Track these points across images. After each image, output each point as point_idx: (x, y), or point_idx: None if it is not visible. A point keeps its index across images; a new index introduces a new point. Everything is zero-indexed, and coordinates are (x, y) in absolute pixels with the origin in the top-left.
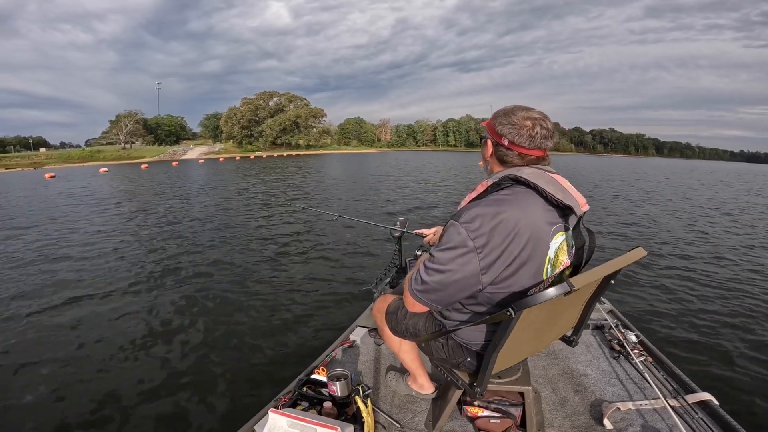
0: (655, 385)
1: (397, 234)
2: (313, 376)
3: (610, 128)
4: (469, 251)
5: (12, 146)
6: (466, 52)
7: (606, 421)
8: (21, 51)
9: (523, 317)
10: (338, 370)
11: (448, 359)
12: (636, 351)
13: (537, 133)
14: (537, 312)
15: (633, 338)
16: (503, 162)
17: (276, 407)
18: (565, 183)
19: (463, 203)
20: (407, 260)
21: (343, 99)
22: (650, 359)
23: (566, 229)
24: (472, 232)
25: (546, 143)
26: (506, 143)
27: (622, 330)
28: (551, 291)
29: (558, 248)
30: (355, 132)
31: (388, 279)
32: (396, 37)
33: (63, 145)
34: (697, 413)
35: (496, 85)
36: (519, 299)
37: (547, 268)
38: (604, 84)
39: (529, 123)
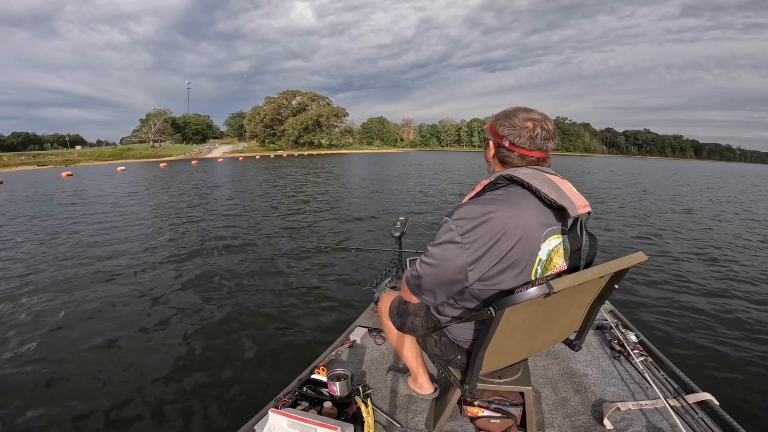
0: (656, 385)
1: (397, 234)
2: (314, 376)
3: (645, 129)
4: (457, 246)
5: (49, 144)
6: (492, 51)
7: (606, 421)
8: (62, 51)
9: (507, 317)
10: (338, 370)
11: (441, 355)
12: (636, 351)
13: (537, 134)
14: (523, 312)
15: (633, 338)
16: (504, 163)
17: (276, 407)
18: (564, 184)
19: (463, 201)
20: (407, 260)
21: (367, 99)
22: (650, 359)
23: (564, 233)
24: (461, 228)
25: (547, 144)
26: (507, 144)
27: (623, 330)
28: (531, 291)
29: (552, 250)
30: (377, 131)
31: (389, 279)
32: (419, 37)
33: (99, 143)
34: (697, 413)
35: (522, 85)
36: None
37: (537, 270)
38: (638, 84)
39: (530, 124)
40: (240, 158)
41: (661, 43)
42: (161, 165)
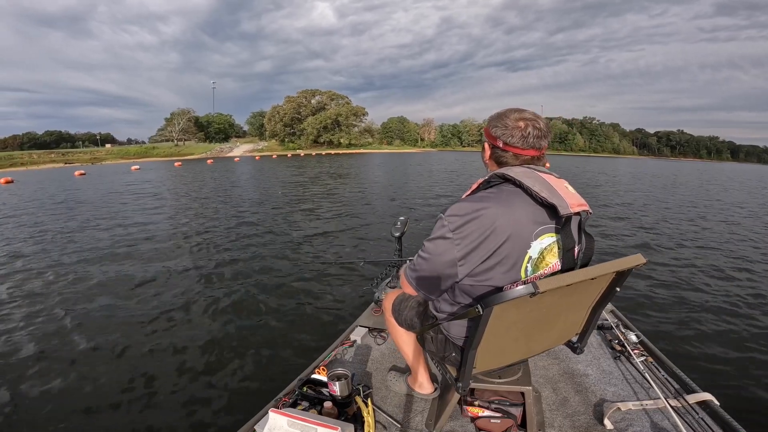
0: (656, 385)
1: (397, 234)
2: (314, 376)
3: (678, 130)
4: (448, 242)
5: (81, 142)
6: (515, 51)
7: (606, 421)
8: (95, 52)
9: (498, 315)
10: (339, 370)
11: (437, 352)
12: (637, 351)
13: (529, 133)
14: (516, 311)
15: (633, 338)
16: (500, 163)
17: (276, 407)
18: (558, 183)
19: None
20: (407, 260)
21: (388, 99)
22: (651, 359)
23: (558, 231)
24: (452, 224)
25: (539, 143)
26: (501, 145)
27: (623, 330)
28: (517, 290)
29: (545, 249)
30: (398, 131)
31: (389, 279)
32: (440, 36)
33: (129, 141)
34: (697, 413)
35: (546, 84)
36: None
37: (527, 267)
38: (670, 84)
39: (521, 124)
40: (257, 157)
41: (694, 42)
42: (176, 164)
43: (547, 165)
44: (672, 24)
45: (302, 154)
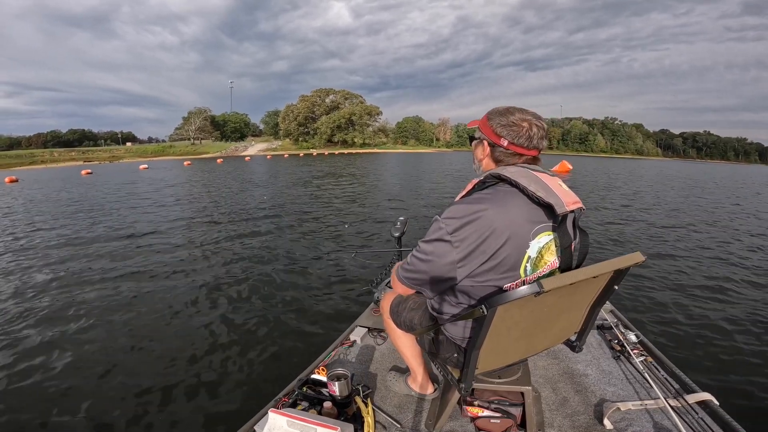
0: (655, 385)
1: (397, 234)
2: (313, 376)
3: (705, 131)
4: (447, 244)
5: (103, 140)
6: (533, 50)
7: (606, 421)
8: (119, 51)
9: (501, 315)
10: (338, 370)
11: (438, 354)
12: (636, 351)
13: (534, 133)
14: (518, 311)
15: (633, 338)
16: (497, 162)
17: (276, 407)
18: (552, 182)
19: (455, 201)
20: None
21: (403, 98)
22: (650, 359)
23: (555, 230)
24: (449, 227)
25: (542, 143)
26: (505, 144)
27: (623, 330)
28: (521, 290)
29: (543, 248)
30: (413, 131)
31: (388, 279)
32: (457, 36)
33: (150, 140)
34: (697, 413)
35: (566, 84)
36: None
37: (526, 267)
38: (695, 84)
39: (526, 124)
40: (268, 156)
41: (720, 41)
42: (185, 163)
43: (569, 167)
44: (698, 23)
45: (315, 154)
